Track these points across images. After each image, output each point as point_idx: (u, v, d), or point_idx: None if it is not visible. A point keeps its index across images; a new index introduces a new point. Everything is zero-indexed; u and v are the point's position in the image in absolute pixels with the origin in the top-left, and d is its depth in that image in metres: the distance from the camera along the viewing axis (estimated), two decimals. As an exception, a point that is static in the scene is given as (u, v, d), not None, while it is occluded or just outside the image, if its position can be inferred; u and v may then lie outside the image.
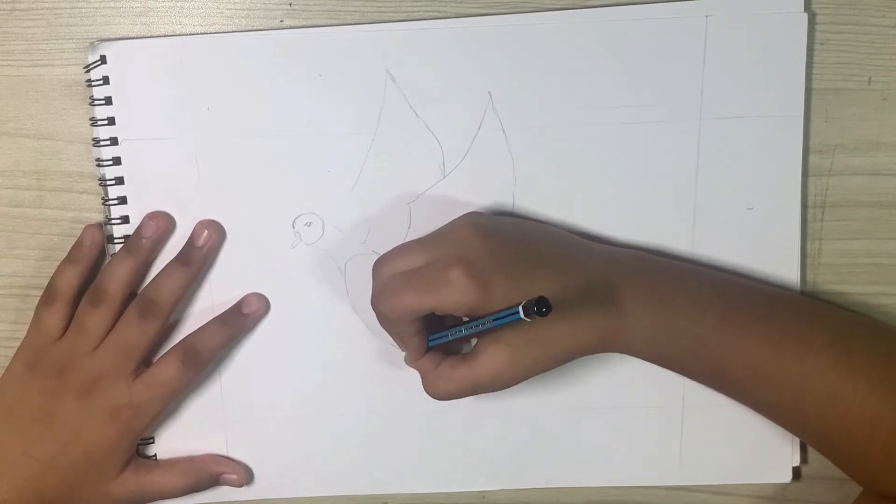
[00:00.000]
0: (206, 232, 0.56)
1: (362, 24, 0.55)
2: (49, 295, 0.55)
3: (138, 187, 0.56)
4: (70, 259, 0.56)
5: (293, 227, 0.56)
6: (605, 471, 0.59)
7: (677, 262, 0.55)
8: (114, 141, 0.55)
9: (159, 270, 0.56)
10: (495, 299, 0.48)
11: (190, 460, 0.58)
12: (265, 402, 0.58)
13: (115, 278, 0.55)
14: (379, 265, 0.52)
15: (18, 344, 0.57)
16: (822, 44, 0.55)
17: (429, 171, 0.55)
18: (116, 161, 0.55)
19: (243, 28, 0.55)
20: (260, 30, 0.55)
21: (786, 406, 0.52)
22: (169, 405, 0.56)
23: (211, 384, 0.58)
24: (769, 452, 0.58)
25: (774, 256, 0.56)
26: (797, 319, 0.53)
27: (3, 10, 0.55)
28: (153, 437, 0.58)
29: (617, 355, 0.52)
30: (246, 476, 0.58)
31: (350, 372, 0.58)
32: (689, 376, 0.54)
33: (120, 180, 0.56)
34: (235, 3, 0.55)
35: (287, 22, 0.55)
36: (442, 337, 0.52)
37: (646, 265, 0.54)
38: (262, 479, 0.59)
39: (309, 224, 0.56)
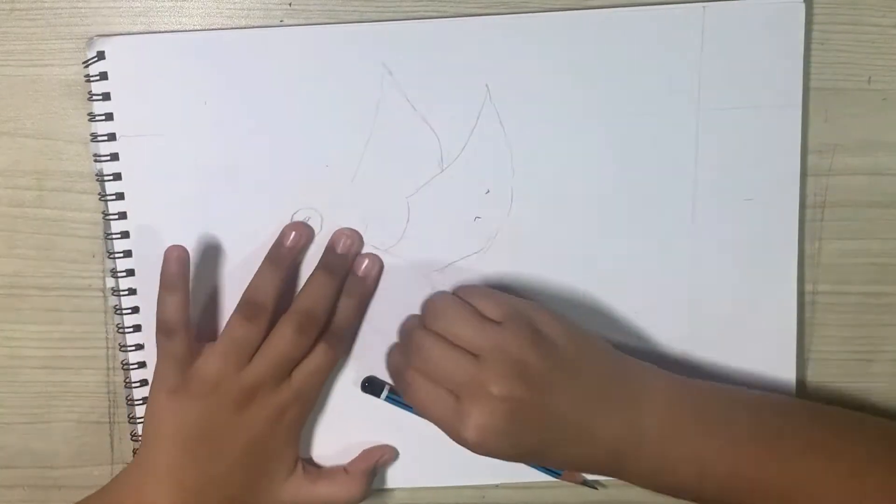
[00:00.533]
0: (347, 241, 0.56)
1: (361, 23, 0.55)
2: (164, 328, 0.53)
3: (136, 183, 0.56)
4: (166, 288, 0.53)
5: (292, 221, 0.56)
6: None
7: (706, 391, 0.54)
8: (111, 137, 0.55)
9: (306, 281, 0.55)
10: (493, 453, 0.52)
11: (345, 471, 0.58)
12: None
13: (265, 291, 0.54)
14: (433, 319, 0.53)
15: (18, 344, 0.58)
16: (821, 44, 0.55)
17: (427, 164, 0.55)
18: (114, 157, 0.55)
19: (243, 27, 0.55)
20: (260, 27, 0.55)
21: None
22: (321, 388, 0.56)
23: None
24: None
25: (773, 246, 0.56)
26: (815, 454, 0.51)
27: (3, 10, 0.55)
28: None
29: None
30: (394, 452, 0.59)
31: (348, 366, 0.58)
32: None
33: (118, 176, 0.56)
34: (235, 3, 0.55)
35: (287, 22, 0.55)
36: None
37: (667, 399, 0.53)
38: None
39: (307, 219, 0.56)
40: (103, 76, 0.55)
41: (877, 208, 0.57)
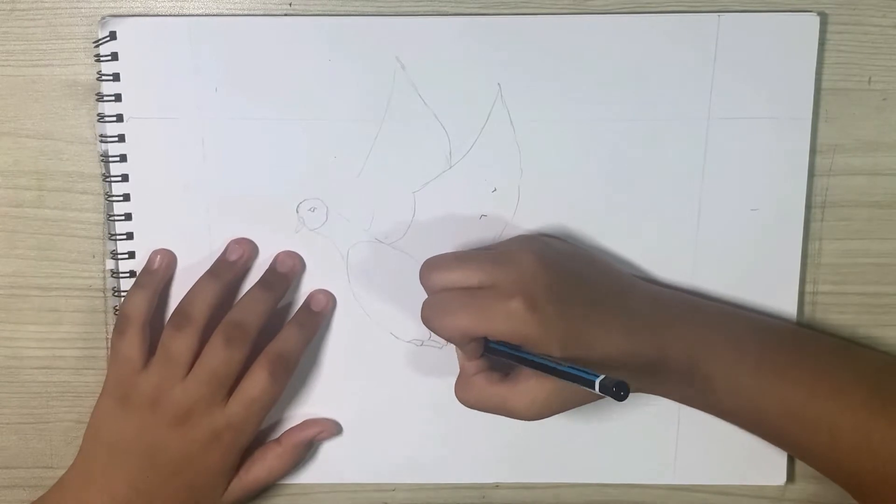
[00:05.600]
0: (289, 261, 0.56)
1: (376, 16, 0.55)
2: (121, 324, 0.54)
3: (141, 165, 0.56)
4: (139, 284, 0.55)
5: (297, 211, 0.56)
6: (600, 468, 0.59)
7: (715, 304, 0.56)
8: (119, 118, 0.55)
9: (241, 295, 0.56)
10: (551, 336, 0.49)
11: (278, 443, 0.57)
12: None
13: (200, 302, 0.54)
14: (430, 272, 0.51)
15: (19, 344, 0.57)
16: (822, 44, 0.55)
17: (435, 160, 0.56)
18: (121, 138, 0.55)
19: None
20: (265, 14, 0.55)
21: (821, 445, 0.53)
22: (265, 417, 0.55)
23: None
24: (764, 454, 0.58)
25: (776, 257, 0.57)
26: (828, 359, 0.54)
27: (3, 10, 0.55)
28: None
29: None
30: (335, 427, 0.58)
31: (349, 360, 0.58)
32: (724, 418, 0.55)
33: (123, 157, 0.55)
34: (235, 2, 0.55)
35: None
36: (504, 350, 0.51)
37: (687, 307, 0.54)
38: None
39: (313, 209, 0.56)
40: (114, 56, 0.55)
41: (877, 208, 0.57)
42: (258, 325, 0.54)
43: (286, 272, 0.56)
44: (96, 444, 0.55)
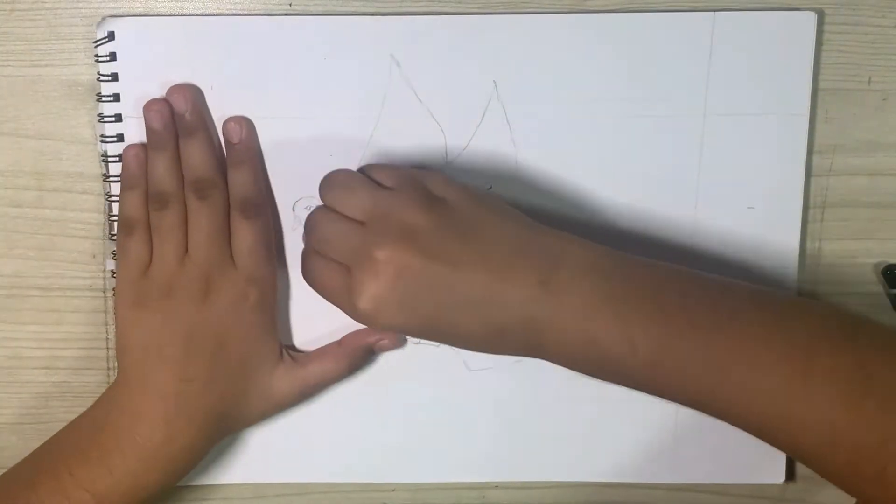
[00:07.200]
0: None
1: (372, 15, 0.55)
2: (126, 227, 0.53)
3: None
4: (128, 186, 0.54)
5: (293, 210, 0.56)
6: (600, 468, 0.59)
7: (636, 262, 0.50)
8: (118, 118, 0.55)
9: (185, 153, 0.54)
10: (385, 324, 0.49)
11: (338, 344, 0.56)
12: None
13: (163, 175, 0.53)
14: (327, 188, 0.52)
15: (19, 344, 0.58)
16: (821, 44, 0.55)
17: (431, 158, 0.55)
18: (121, 138, 0.55)
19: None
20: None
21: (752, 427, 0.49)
22: (274, 261, 0.55)
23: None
24: (764, 454, 0.58)
25: (773, 255, 0.57)
26: (751, 328, 0.47)
27: (3, 10, 0.55)
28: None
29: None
30: (397, 339, 0.57)
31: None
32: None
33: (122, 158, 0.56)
34: (235, 3, 0.55)
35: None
36: None
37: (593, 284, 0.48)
38: (257, 464, 0.59)
39: (309, 208, 0.56)
40: (112, 57, 0.55)
41: (877, 208, 0.57)
42: (214, 167, 0.54)
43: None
44: (129, 354, 0.53)
